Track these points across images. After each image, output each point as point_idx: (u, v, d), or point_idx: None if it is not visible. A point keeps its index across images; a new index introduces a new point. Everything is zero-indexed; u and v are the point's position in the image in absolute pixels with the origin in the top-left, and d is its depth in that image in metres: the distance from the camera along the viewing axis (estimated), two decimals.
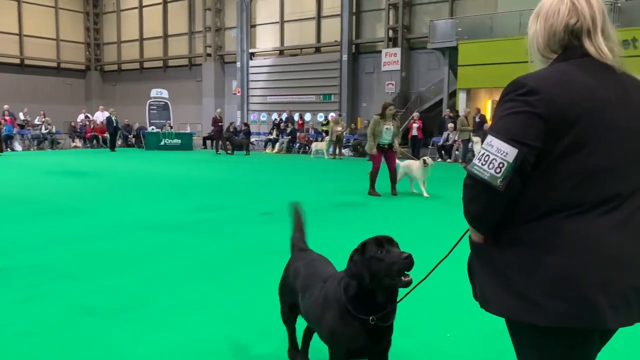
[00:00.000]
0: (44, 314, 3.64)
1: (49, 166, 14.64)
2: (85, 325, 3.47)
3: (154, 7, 34.54)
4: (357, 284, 2.12)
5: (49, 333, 3.32)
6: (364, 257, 2.09)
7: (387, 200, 9.24)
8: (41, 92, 33.99)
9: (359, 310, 2.12)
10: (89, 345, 3.15)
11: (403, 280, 2.03)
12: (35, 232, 6.23)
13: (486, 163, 1.41)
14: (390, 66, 25.06)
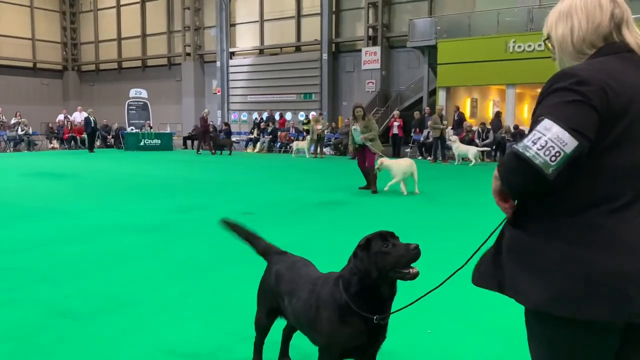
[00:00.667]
0: (21, 318, 3.58)
1: (25, 168, 14.40)
2: (64, 328, 3.43)
3: (131, 6, 34.18)
4: (359, 280, 2.11)
5: (27, 337, 3.27)
6: (370, 253, 2.08)
7: (369, 198, 9.28)
8: (17, 93, 33.39)
9: (362, 308, 2.11)
10: (67, 349, 3.12)
11: (411, 272, 2.04)
12: (11, 235, 6.12)
13: (542, 148, 1.35)
14: (371, 65, 25.17)
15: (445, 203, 8.99)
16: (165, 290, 4.22)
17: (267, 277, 2.65)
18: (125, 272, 4.70)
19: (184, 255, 5.33)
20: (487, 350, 3.17)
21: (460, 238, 6.13)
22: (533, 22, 19.52)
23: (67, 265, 4.90)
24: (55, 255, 5.24)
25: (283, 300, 2.50)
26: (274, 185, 11.27)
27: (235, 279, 4.50)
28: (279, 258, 2.67)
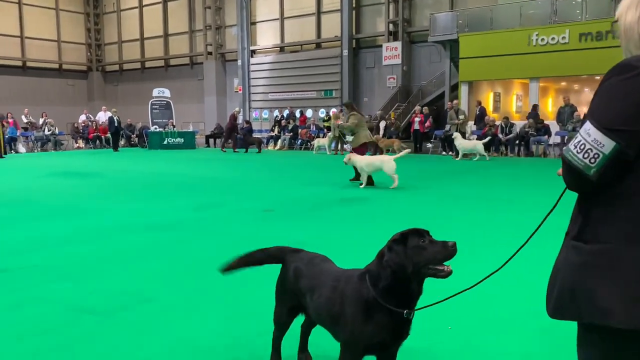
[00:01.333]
0: (45, 314, 3.64)
1: (52, 168, 14.68)
2: (86, 325, 3.47)
3: (154, 7, 34.55)
4: (391, 274, 2.10)
5: (49, 333, 3.32)
6: (407, 247, 2.08)
7: (390, 194, 9.22)
8: (44, 94, 34.09)
9: (389, 303, 2.11)
10: (90, 344, 3.16)
11: (445, 269, 2.04)
12: (36, 233, 6.24)
13: (581, 152, 1.38)
14: (391, 60, 25.01)
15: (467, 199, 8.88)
16: (184, 286, 4.25)
17: (286, 275, 2.64)
18: (144, 269, 4.75)
19: (202, 251, 5.37)
20: (509, 347, 3.12)
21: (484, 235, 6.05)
22: (557, 14, 19.16)
23: (89, 262, 4.98)
24: (78, 253, 5.32)
25: (304, 298, 2.49)
26: (294, 182, 11.28)
27: (252, 275, 4.46)
28: (295, 256, 2.66)
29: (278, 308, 2.72)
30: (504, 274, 2.14)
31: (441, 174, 12.71)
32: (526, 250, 1.98)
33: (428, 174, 12.73)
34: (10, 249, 5.46)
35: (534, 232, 1.86)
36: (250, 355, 3.00)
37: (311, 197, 9.07)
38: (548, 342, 3.14)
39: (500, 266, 2.04)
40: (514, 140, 17.86)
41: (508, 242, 2.15)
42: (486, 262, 4.10)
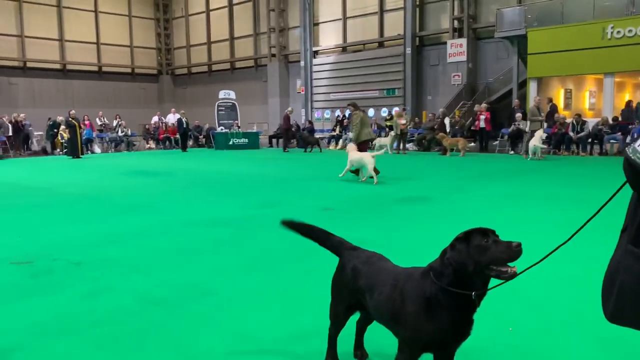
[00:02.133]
0: (116, 304, 3.85)
1: (124, 167, 15.42)
2: (153, 315, 3.64)
3: (220, 11, 35.53)
4: (452, 273, 2.08)
5: (121, 322, 3.51)
6: (470, 246, 2.05)
7: (453, 194, 9.06)
8: (117, 97, 35.85)
9: (451, 302, 2.09)
10: (156, 334, 3.31)
11: (509, 271, 1.99)
12: (110, 228, 6.59)
13: None
14: (456, 57, 24.51)
15: (532, 198, 8.58)
16: (245, 280, 4.38)
17: (343, 273, 2.64)
18: (208, 263, 4.92)
19: (263, 247, 5.49)
20: (571, 349, 3.01)
21: (548, 234, 5.84)
22: (634, 4, 18.13)
23: (157, 256, 5.21)
24: (147, 246, 5.59)
25: (364, 296, 2.48)
26: (353, 181, 11.30)
27: (310, 271, 4.57)
28: (352, 254, 2.65)
29: (334, 305, 2.73)
30: (569, 276, 2.08)
31: (506, 173, 12.34)
32: (592, 250, 1.92)
33: (493, 173, 12.39)
34: (86, 242, 5.81)
35: (589, 219, 1.78)
36: (306, 351, 3.05)
37: (371, 196, 9.05)
38: (610, 347, 3.01)
39: (553, 250, 1.96)
40: (586, 139, 17.05)
41: (571, 242, 2.09)
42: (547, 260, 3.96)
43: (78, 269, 4.75)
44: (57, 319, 3.57)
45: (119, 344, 3.16)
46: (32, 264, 4.93)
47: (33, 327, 3.43)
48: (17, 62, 32.22)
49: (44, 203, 8.86)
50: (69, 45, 34.19)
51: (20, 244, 5.75)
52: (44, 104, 32.16)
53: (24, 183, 11.80)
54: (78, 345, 3.14)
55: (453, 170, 13.34)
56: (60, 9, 33.70)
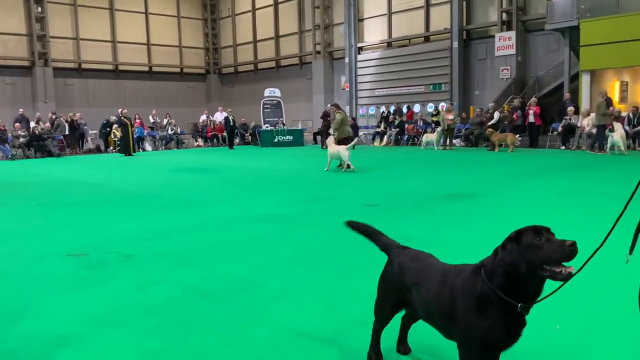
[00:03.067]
0: (166, 296, 3.97)
1: (174, 164, 15.84)
2: (201, 307, 3.74)
3: (265, 9, 35.88)
4: (504, 273, 2.02)
5: (171, 313, 3.62)
6: (521, 245, 1.98)
7: (502, 190, 8.87)
8: (167, 96, 36.79)
9: (503, 302, 2.03)
10: (204, 325, 3.40)
11: (563, 272, 1.91)
12: (160, 223, 6.80)
13: None
14: (505, 51, 23.91)
15: (588, 195, 8.30)
16: (290, 275, 4.43)
17: (390, 270, 2.63)
18: (254, 258, 5.01)
19: (308, 243, 5.54)
20: (620, 349, 2.91)
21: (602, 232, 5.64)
22: None
23: (205, 250, 5.35)
24: (196, 241, 5.74)
25: (410, 292, 2.45)
26: (399, 178, 11.22)
27: (355, 267, 4.59)
28: (401, 252, 2.64)
29: (380, 301, 2.72)
30: (620, 273, 2.01)
31: (558, 169, 11.97)
32: None
33: (543, 169, 12.05)
34: (137, 236, 6.01)
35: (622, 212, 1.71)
36: (350, 345, 3.06)
37: (417, 192, 8.97)
38: None
39: (599, 246, 1.90)
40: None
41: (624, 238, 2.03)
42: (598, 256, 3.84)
43: (129, 262, 4.93)
44: (110, 309, 3.72)
45: (167, 334, 3.27)
46: (86, 256, 5.14)
47: (88, 316, 3.58)
48: (72, 63, 33.53)
49: (97, 199, 9.22)
50: (121, 47, 35.33)
51: (76, 238, 6.01)
52: (98, 103, 33.37)
53: (79, 180, 12.30)
54: (130, 334, 3.27)
55: (501, 166, 13.06)
56: (112, 12, 34.85)
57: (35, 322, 3.50)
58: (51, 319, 3.54)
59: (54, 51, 32.09)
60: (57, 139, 21.86)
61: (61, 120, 22.93)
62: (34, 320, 3.53)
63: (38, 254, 5.28)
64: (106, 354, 3.01)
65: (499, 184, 9.64)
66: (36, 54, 31.32)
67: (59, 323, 3.47)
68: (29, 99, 31.27)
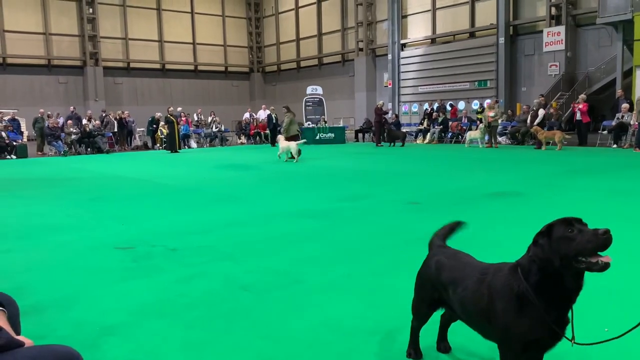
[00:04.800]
0: (208, 288, 4.06)
1: (218, 161, 16.12)
2: (243, 300, 3.80)
3: (308, 7, 36.05)
4: (540, 269, 1.96)
5: (213, 306, 3.70)
6: (552, 239, 1.92)
7: (546, 190, 8.64)
8: (212, 95, 37.50)
9: (541, 300, 1.97)
10: (245, 318, 3.45)
11: (600, 262, 1.83)
12: (204, 218, 6.94)
13: None
14: (553, 46, 23.27)
15: (632, 194, 7.98)
16: (331, 270, 4.45)
17: (426, 267, 2.60)
18: (295, 253, 5.05)
19: (349, 239, 5.54)
20: None
21: None
22: None
23: (247, 244, 5.42)
24: (238, 235, 5.83)
25: (446, 290, 2.42)
26: (442, 176, 11.07)
27: (396, 263, 4.56)
28: (440, 250, 2.62)
29: (417, 299, 2.70)
30: None
31: (609, 168, 11.55)
32: None
33: (593, 168, 11.65)
34: (182, 230, 6.16)
35: None
36: (390, 341, 3.06)
37: (459, 190, 8.83)
38: None
39: None
40: None
41: None
42: None
43: (174, 255, 5.05)
44: (155, 300, 3.82)
45: (210, 326, 3.34)
46: (133, 249, 5.30)
47: (134, 306, 3.70)
48: (121, 63, 34.58)
49: (144, 194, 9.48)
50: (167, 46, 36.20)
51: (124, 231, 6.21)
52: (146, 101, 34.32)
53: (128, 175, 12.67)
54: (173, 325, 3.36)
55: (548, 164, 12.69)
56: (160, 12, 35.72)
57: (84, 311, 3.64)
58: (99, 309, 3.67)
59: (104, 51, 33.18)
60: (107, 136, 22.59)
61: (110, 117, 23.69)
62: (84, 309, 3.67)
63: (88, 246, 5.48)
64: (151, 344, 3.10)
65: (545, 183, 9.38)
66: (87, 54, 32.47)
67: (107, 312, 3.59)
68: (80, 97, 32.47)
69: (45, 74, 32.03)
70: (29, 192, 10.01)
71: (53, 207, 8.16)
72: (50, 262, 4.96)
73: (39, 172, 14.14)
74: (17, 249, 5.45)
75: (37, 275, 4.53)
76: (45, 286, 4.20)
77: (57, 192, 9.94)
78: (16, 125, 22.20)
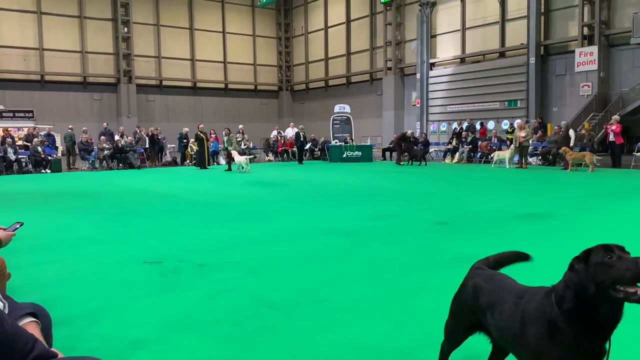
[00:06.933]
0: (234, 305, 4.06)
1: (246, 177, 16.25)
2: (268, 317, 3.79)
3: (338, 27, 36.38)
4: (574, 296, 1.88)
5: (238, 323, 3.69)
6: (589, 265, 1.83)
7: (580, 213, 8.45)
8: (241, 112, 37.98)
9: (574, 328, 1.87)
10: (270, 335, 3.44)
11: (639, 293, 1.72)
12: (231, 234, 6.98)
13: None
14: (586, 66, 22.94)
15: None
16: (357, 289, 4.41)
17: (463, 291, 2.52)
18: (321, 271, 5.03)
19: (375, 258, 5.50)
20: None
21: None
22: None
23: (273, 261, 5.43)
24: (264, 252, 5.84)
25: (484, 315, 2.33)
26: (471, 196, 10.93)
27: (424, 284, 4.50)
28: (476, 272, 2.53)
29: (452, 323, 2.61)
30: None
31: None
32: None
33: (626, 191, 11.36)
34: (209, 246, 6.20)
35: None
36: None
37: (489, 211, 8.70)
38: None
39: None
40: None
41: None
42: None
43: (201, 270, 5.09)
44: (182, 315, 3.84)
45: (236, 342, 3.34)
46: (161, 264, 5.36)
47: (162, 321, 3.72)
48: (154, 80, 35.36)
49: (173, 209, 9.60)
50: (199, 65, 36.90)
51: (153, 246, 6.28)
52: (177, 118, 34.94)
53: (157, 190, 12.87)
54: (200, 341, 3.36)
55: (580, 186, 12.44)
56: (192, 31, 36.51)
57: (113, 324, 3.68)
58: (127, 322, 3.71)
59: (137, 69, 34.00)
60: (138, 152, 23.03)
61: (142, 133, 24.17)
62: (112, 322, 3.71)
63: (117, 260, 5.56)
64: (178, 359, 3.11)
65: (577, 205, 9.18)
66: (121, 71, 33.31)
67: (135, 326, 3.62)
68: (113, 114, 33.26)
69: (80, 91, 32.95)
70: (60, 205, 10.25)
71: (84, 220, 8.32)
72: (80, 275, 5.04)
73: (71, 186, 14.48)
74: (49, 261, 5.56)
75: (67, 287, 4.60)
76: (75, 299, 4.27)
77: (88, 206, 10.15)
78: (51, 141, 22.87)
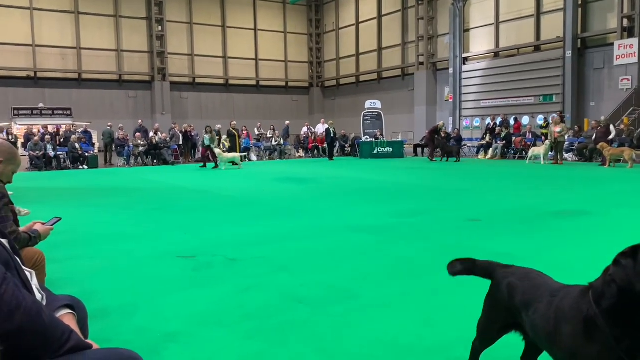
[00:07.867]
0: (263, 300, 4.10)
1: (276, 174, 16.35)
2: (297, 313, 3.82)
3: (369, 22, 36.18)
4: (617, 293, 1.83)
5: (267, 318, 3.73)
6: (637, 261, 1.79)
7: (618, 209, 8.22)
8: (272, 109, 38.18)
9: (614, 327, 1.83)
10: (299, 331, 3.47)
11: None
12: (263, 229, 7.05)
13: None
14: (625, 59, 22.23)
15: None
16: (387, 286, 4.40)
17: (497, 291, 2.46)
18: (351, 268, 5.03)
19: (406, 255, 5.47)
20: None
21: None
22: None
23: (303, 257, 5.46)
24: (294, 248, 5.88)
25: (520, 314, 2.29)
26: (504, 192, 10.76)
27: (454, 282, 4.39)
28: (507, 271, 2.47)
29: (486, 322, 2.57)
30: None
31: None
32: None
33: None
34: (241, 241, 6.27)
35: None
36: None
37: (522, 208, 8.55)
38: None
39: None
40: None
41: None
42: None
43: (233, 265, 5.15)
44: (214, 309, 3.90)
45: (266, 337, 3.37)
46: (194, 258, 5.45)
47: (194, 315, 3.79)
48: (187, 78, 35.86)
49: (206, 205, 9.75)
50: (231, 62, 37.25)
51: (186, 241, 6.39)
52: (210, 115, 35.35)
53: (190, 187, 13.07)
54: (231, 335, 3.41)
55: (618, 182, 12.10)
56: (224, 29, 36.87)
57: (147, 317, 3.77)
58: (161, 316, 3.79)
59: (171, 67, 34.53)
60: (172, 148, 23.41)
61: (175, 130, 24.56)
62: (146, 316, 3.80)
63: (151, 255, 5.68)
64: (209, 353, 3.17)
65: (615, 202, 8.94)
66: (156, 69, 33.89)
67: (168, 320, 3.70)
68: (148, 111, 33.87)
69: (116, 89, 33.65)
70: (96, 200, 10.51)
71: (119, 215, 8.52)
72: (115, 269, 5.17)
73: (107, 182, 14.83)
74: (85, 255, 5.72)
75: (103, 281, 4.73)
76: (110, 292, 4.38)
77: (123, 201, 10.38)
78: (88, 137, 23.44)
